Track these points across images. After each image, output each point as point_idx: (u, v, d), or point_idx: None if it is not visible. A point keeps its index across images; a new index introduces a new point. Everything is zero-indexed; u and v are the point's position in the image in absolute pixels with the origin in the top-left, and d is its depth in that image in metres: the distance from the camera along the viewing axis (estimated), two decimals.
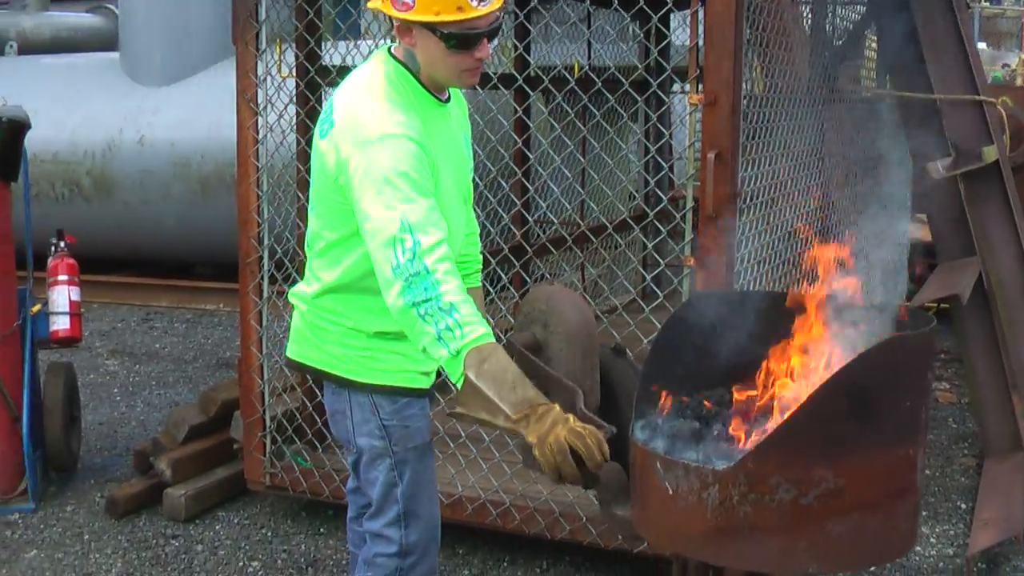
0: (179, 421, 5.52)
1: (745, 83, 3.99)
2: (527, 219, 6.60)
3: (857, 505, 2.39)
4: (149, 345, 8.78)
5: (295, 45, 5.11)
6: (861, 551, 2.44)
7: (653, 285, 4.61)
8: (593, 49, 7.95)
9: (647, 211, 5.13)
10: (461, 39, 2.87)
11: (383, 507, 3.19)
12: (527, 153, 6.60)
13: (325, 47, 5.39)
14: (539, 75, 6.32)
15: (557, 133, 6.13)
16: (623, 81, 4.63)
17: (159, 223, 10.15)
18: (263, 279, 4.96)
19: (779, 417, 2.55)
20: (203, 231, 9.92)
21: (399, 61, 3.02)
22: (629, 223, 6.93)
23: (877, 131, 5.97)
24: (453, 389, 2.77)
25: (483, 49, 2.92)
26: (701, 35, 3.99)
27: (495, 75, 6.23)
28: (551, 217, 7.30)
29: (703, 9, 3.95)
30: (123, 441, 6.35)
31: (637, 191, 8.50)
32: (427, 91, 3.03)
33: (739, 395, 2.73)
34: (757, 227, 4.22)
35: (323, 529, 5.12)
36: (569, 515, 4.43)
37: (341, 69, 5.02)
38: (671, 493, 2.45)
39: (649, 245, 5.66)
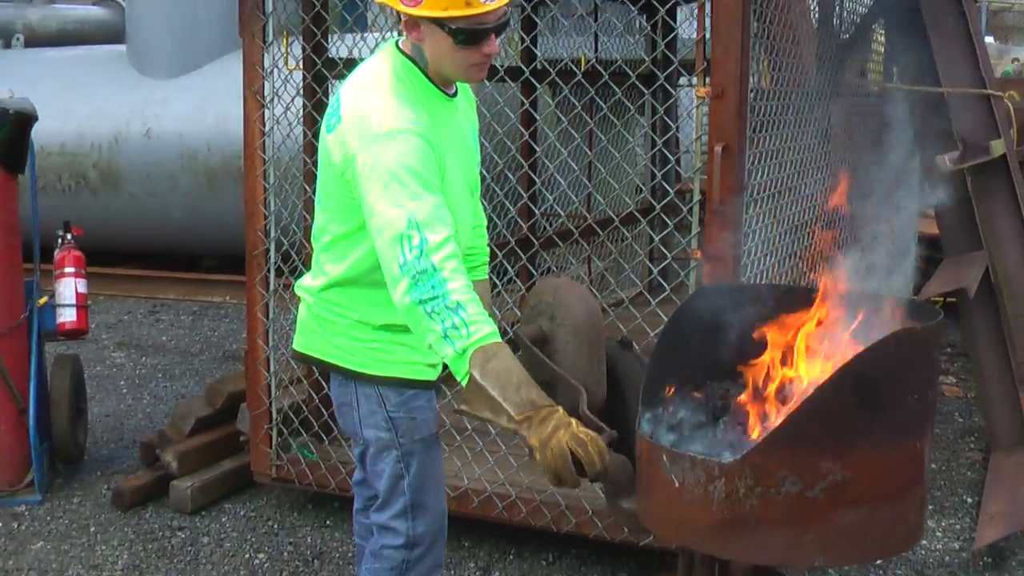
0: (185, 413, 5.53)
1: (752, 76, 3.98)
2: (534, 212, 6.60)
3: (864, 498, 2.39)
4: (155, 337, 8.79)
5: (302, 37, 5.11)
6: (867, 544, 2.43)
7: (660, 278, 4.59)
8: (600, 42, 7.94)
9: (654, 204, 5.13)
10: (469, 34, 2.87)
11: (390, 499, 3.20)
12: (534, 146, 6.59)
13: (332, 39, 5.39)
14: (546, 68, 6.32)
15: (564, 126, 6.13)
16: (630, 74, 4.63)
17: (166, 215, 10.15)
18: (270, 271, 4.96)
19: (786, 410, 2.54)
20: (210, 223, 9.92)
21: (406, 55, 3.01)
22: (636, 216, 6.90)
23: (884, 125, 5.96)
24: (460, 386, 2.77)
25: (491, 44, 2.91)
26: (708, 28, 3.98)
27: (502, 68, 6.23)
28: (558, 210, 7.30)
29: (710, 2, 3.94)
30: (129, 433, 6.36)
31: (644, 184, 8.50)
32: (434, 86, 3.02)
33: (746, 388, 2.73)
34: (764, 220, 4.21)
35: (329, 521, 5.13)
36: (575, 508, 4.43)
37: (348, 61, 5.01)
38: (677, 486, 2.44)
39: (656, 238, 5.67)
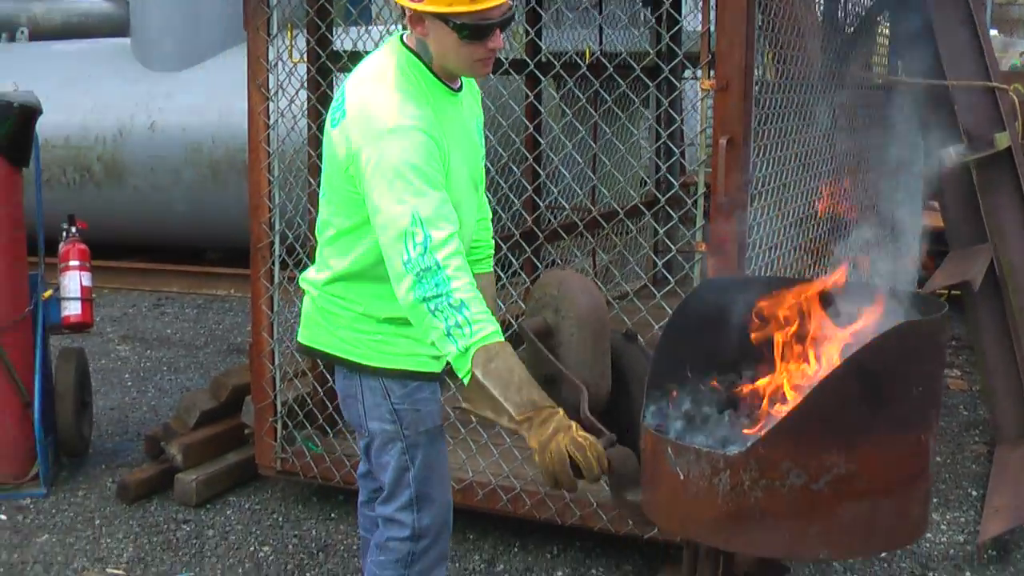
0: (190, 406, 5.54)
1: (757, 69, 3.98)
2: (538, 205, 6.59)
3: (868, 491, 2.39)
4: (160, 330, 8.79)
5: (306, 30, 5.11)
6: (872, 537, 2.44)
7: (664, 271, 4.59)
8: (605, 34, 7.93)
9: (659, 197, 5.14)
10: (474, 29, 2.86)
11: (395, 491, 3.20)
12: (538, 139, 6.59)
13: (336, 32, 5.39)
14: (551, 61, 6.31)
15: (568, 119, 6.11)
16: (635, 67, 4.62)
17: (170, 208, 10.14)
18: (274, 264, 4.96)
19: (791, 402, 2.54)
20: (214, 217, 9.91)
21: (411, 50, 3.00)
22: (641, 209, 6.92)
23: (889, 118, 5.95)
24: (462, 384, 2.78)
25: (496, 39, 2.91)
26: (713, 20, 3.98)
27: (507, 61, 6.22)
28: (562, 203, 7.28)
29: None
30: (134, 426, 6.36)
31: (649, 177, 8.49)
32: (439, 80, 3.02)
33: (750, 380, 2.73)
34: (769, 213, 4.21)
35: (334, 514, 5.13)
36: (580, 501, 4.43)
37: (352, 54, 5.01)
38: (682, 479, 2.45)
39: (660, 231, 5.64)
